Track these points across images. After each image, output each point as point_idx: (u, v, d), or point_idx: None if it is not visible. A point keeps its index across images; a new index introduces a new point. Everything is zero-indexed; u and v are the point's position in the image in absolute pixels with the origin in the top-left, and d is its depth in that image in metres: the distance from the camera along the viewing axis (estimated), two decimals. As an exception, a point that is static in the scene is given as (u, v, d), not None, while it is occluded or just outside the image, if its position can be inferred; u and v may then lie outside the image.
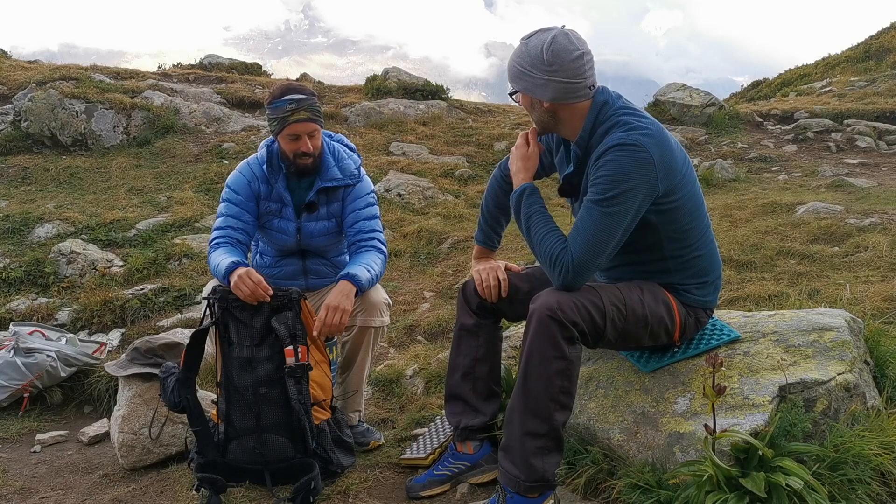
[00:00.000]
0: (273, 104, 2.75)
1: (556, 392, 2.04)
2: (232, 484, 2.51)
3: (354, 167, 2.94)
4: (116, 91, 9.62)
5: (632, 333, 2.17)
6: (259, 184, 2.87)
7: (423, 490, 2.45)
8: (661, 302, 2.21)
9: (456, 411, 2.51)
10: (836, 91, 12.99)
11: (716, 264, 2.32)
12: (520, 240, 6.13)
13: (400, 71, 12.22)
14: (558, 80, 2.09)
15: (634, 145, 2.03)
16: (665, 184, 2.08)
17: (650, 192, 2.05)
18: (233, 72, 12.65)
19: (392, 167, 8.42)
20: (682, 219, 2.17)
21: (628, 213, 2.04)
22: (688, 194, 2.17)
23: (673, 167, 2.10)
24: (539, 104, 2.17)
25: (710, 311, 2.38)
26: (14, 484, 2.95)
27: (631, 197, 2.02)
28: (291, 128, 2.72)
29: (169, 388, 2.67)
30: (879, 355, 2.40)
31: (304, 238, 2.91)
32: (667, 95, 11.07)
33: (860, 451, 1.93)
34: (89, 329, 5.01)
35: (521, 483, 2.04)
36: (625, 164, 2.02)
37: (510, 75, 2.21)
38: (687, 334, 2.32)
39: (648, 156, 2.03)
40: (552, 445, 2.07)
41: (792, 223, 5.50)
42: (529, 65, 2.12)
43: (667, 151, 2.09)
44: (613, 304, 2.11)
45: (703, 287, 2.28)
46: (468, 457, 2.47)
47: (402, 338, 4.41)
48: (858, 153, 9.15)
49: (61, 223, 6.52)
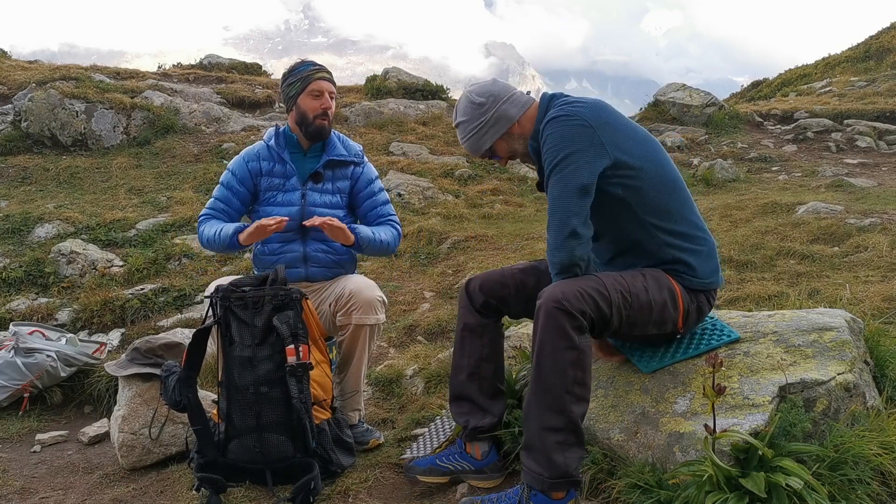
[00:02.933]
0: (294, 71, 2.97)
1: (570, 383, 2.04)
2: (232, 484, 2.52)
3: (358, 149, 3.13)
4: (116, 91, 9.62)
5: (637, 321, 2.18)
6: (259, 161, 3.00)
7: (422, 475, 2.47)
8: (665, 288, 2.21)
9: (463, 411, 2.50)
10: (836, 91, 13.01)
11: (707, 237, 2.32)
12: (520, 240, 6.14)
13: (400, 71, 12.22)
14: (500, 103, 2.30)
15: (567, 115, 2.14)
16: (616, 150, 2.14)
17: (596, 155, 2.11)
18: (233, 72, 12.66)
19: (392, 167, 8.42)
20: (653, 193, 2.20)
21: (577, 174, 2.09)
22: (654, 169, 2.21)
23: (619, 134, 2.16)
24: (510, 136, 2.32)
25: (712, 296, 2.36)
26: (14, 484, 2.95)
27: (575, 159, 2.10)
28: (316, 84, 2.92)
29: (170, 386, 2.67)
30: (879, 355, 2.40)
31: (307, 206, 2.96)
32: (667, 95, 11.08)
33: (860, 451, 1.93)
34: (89, 329, 5.01)
35: (546, 480, 2.02)
36: (560, 131, 2.13)
37: (475, 148, 2.36)
38: (689, 323, 2.31)
39: (583, 121, 2.12)
40: (572, 439, 2.06)
41: (792, 223, 5.51)
42: (475, 120, 2.31)
43: (606, 118, 2.16)
44: (618, 292, 2.12)
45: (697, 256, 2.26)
46: (475, 461, 2.46)
47: (402, 338, 4.41)
48: (858, 153, 9.15)
49: (61, 223, 6.52)
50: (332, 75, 3.00)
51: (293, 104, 2.96)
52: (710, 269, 2.30)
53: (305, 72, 2.93)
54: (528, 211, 7.35)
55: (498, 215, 7.35)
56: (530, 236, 6.17)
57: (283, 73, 3.04)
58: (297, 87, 2.93)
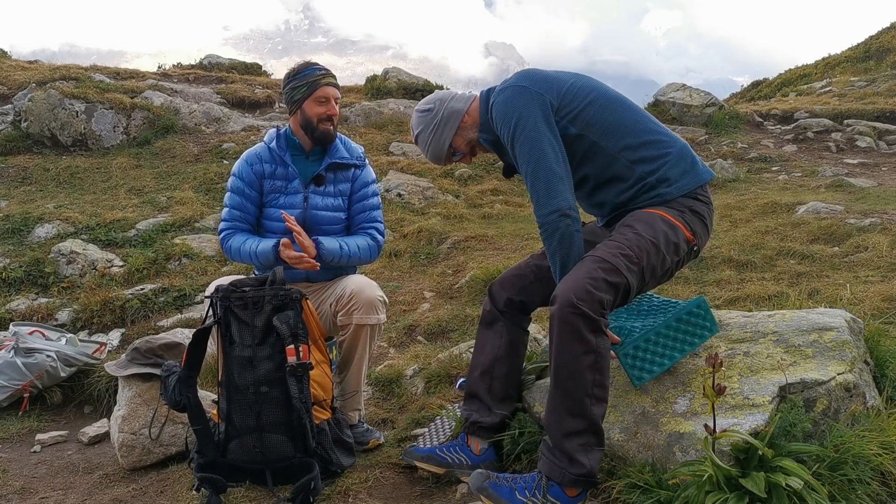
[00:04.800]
0: (300, 74, 2.94)
1: (590, 387, 2.04)
2: (232, 484, 2.52)
3: (360, 151, 3.14)
4: (116, 91, 9.62)
5: (653, 265, 2.18)
6: (262, 164, 2.99)
7: (420, 461, 2.49)
8: (655, 220, 2.22)
9: (471, 408, 2.52)
10: (836, 91, 13.00)
11: (672, 140, 2.34)
12: (520, 240, 6.14)
13: (400, 71, 12.22)
14: (446, 103, 2.46)
15: (503, 90, 2.31)
16: (554, 95, 2.27)
17: (543, 107, 2.24)
18: (233, 72, 12.66)
19: (392, 167, 8.42)
20: (602, 117, 2.29)
21: (539, 133, 2.20)
22: (596, 96, 2.31)
23: (551, 80, 2.31)
24: (464, 130, 2.46)
25: (702, 193, 2.33)
26: (14, 484, 2.95)
27: (528, 119, 2.21)
28: (323, 90, 2.91)
29: (170, 386, 2.67)
30: (879, 355, 2.40)
31: (309, 209, 2.97)
32: (667, 95, 11.08)
33: (860, 451, 1.93)
34: (89, 329, 5.00)
35: (567, 474, 2.03)
36: (503, 103, 2.27)
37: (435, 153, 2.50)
38: (697, 229, 2.28)
39: (518, 87, 2.27)
40: (593, 441, 2.06)
41: (792, 223, 5.51)
42: (428, 126, 2.46)
43: (536, 75, 2.32)
44: (618, 256, 2.11)
45: (667, 162, 2.28)
46: (472, 456, 2.47)
47: (402, 338, 4.41)
48: (858, 153, 9.15)
49: (61, 223, 6.52)
50: (336, 79, 2.99)
51: (297, 108, 2.94)
52: (684, 170, 2.30)
53: (312, 76, 2.91)
54: (528, 211, 7.34)
55: (498, 215, 7.35)
56: (530, 236, 6.17)
57: (286, 73, 3.01)
58: (302, 91, 2.90)
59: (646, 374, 2.28)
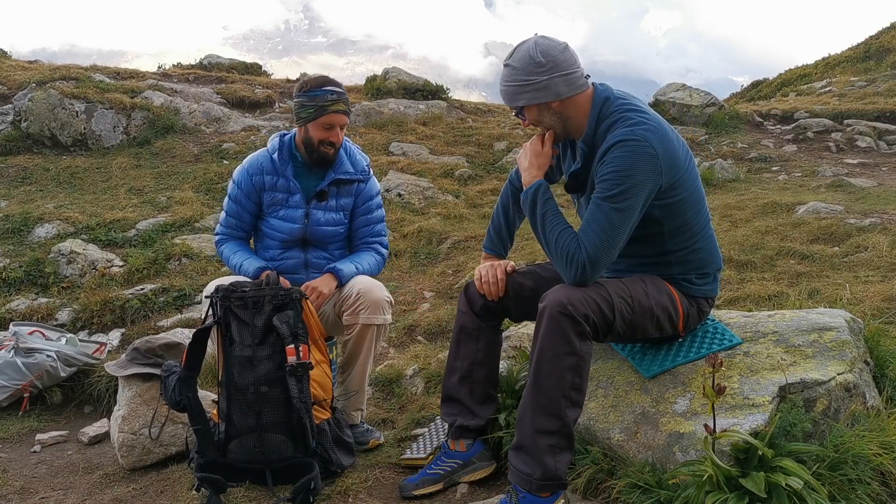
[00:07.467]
0: (312, 92, 2.84)
1: (567, 388, 2.05)
2: (232, 484, 2.52)
3: (365, 164, 3.09)
4: (116, 91, 9.61)
5: (639, 325, 2.19)
6: (263, 175, 2.97)
7: (416, 489, 2.45)
8: (664, 293, 2.24)
9: (452, 412, 2.52)
10: (836, 91, 13.00)
11: (715, 257, 2.36)
12: (520, 240, 6.13)
13: (400, 71, 12.21)
14: (557, 74, 2.16)
15: (637, 140, 2.07)
16: (668, 177, 2.13)
17: (655, 186, 2.11)
18: (233, 72, 12.64)
19: (392, 167, 8.41)
20: (684, 213, 2.22)
21: (636, 207, 2.09)
22: (691, 188, 2.22)
23: (675, 160, 2.15)
24: (547, 109, 2.22)
25: (712, 301, 2.41)
26: (14, 484, 2.95)
27: (638, 192, 2.07)
28: (330, 117, 2.84)
29: (170, 386, 2.67)
30: (879, 355, 2.41)
31: (310, 225, 2.98)
32: (667, 95, 11.07)
33: (860, 451, 1.93)
34: (89, 329, 5.00)
35: (534, 482, 2.04)
36: (630, 159, 2.07)
37: (509, 97, 2.25)
38: (690, 325, 2.34)
39: (652, 150, 2.08)
40: (564, 444, 2.08)
41: (792, 223, 5.51)
42: (526, 74, 2.17)
43: (669, 145, 2.13)
44: (620, 297, 2.13)
45: (704, 278, 2.33)
46: (461, 454, 2.48)
47: (402, 338, 4.41)
48: (858, 153, 9.15)
49: (61, 223, 6.52)
50: (348, 102, 2.90)
51: (303, 125, 2.90)
52: (710, 282, 2.35)
53: (323, 100, 2.82)
54: (528, 211, 7.33)
55: (498, 215, 7.33)
56: (530, 236, 6.17)
57: (300, 82, 2.93)
58: (310, 111, 2.84)
59: (656, 367, 2.32)
